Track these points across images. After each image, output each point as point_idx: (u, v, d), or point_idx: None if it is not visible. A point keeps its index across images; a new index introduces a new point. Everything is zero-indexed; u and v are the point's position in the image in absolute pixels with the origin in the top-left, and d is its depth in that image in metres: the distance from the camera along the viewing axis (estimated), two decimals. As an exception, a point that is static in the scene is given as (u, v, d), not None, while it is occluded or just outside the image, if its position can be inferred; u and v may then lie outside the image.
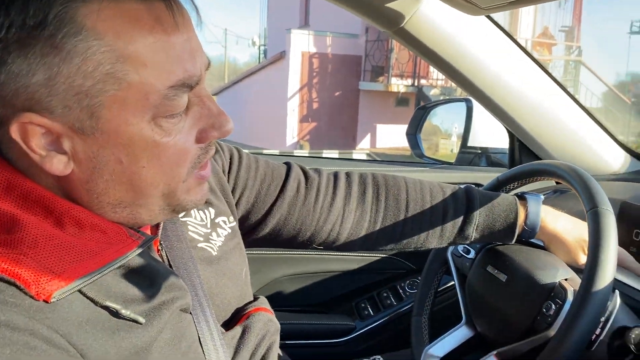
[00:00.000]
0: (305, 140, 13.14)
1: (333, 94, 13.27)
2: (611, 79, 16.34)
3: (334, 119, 13.28)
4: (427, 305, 1.07)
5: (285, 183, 0.87)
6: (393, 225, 0.90)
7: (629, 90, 14.57)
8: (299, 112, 13.18)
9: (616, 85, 13.86)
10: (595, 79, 11.85)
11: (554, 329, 0.76)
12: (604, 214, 0.75)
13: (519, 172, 0.96)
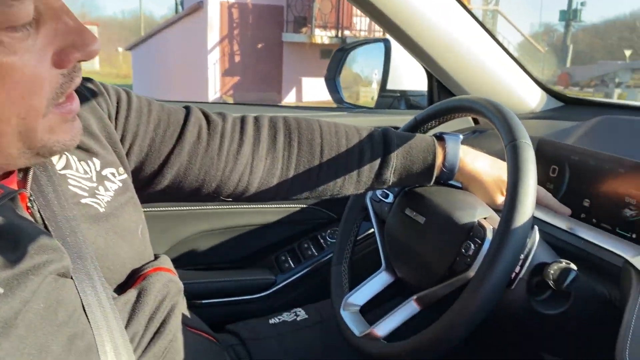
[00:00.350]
0: (228, 95, 12.80)
1: (255, 46, 12.92)
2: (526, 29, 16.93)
3: (257, 73, 12.98)
4: (346, 254, 1.02)
5: (183, 128, 0.77)
6: (308, 171, 0.83)
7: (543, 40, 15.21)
8: (221, 65, 12.75)
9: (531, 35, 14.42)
10: (512, 28, 12.22)
11: (474, 269, 0.73)
12: (523, 147, 0.72)
13: (436, 109, 0.91)
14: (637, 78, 10.94)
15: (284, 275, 1.30)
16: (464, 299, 0.68)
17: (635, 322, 0.68)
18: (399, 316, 0.81)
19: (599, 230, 0.89)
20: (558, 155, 0.99)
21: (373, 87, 1.58)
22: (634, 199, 0.84)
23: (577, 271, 0.73)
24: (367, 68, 2.04)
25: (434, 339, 0.70)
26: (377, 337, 0.81)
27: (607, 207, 0.88)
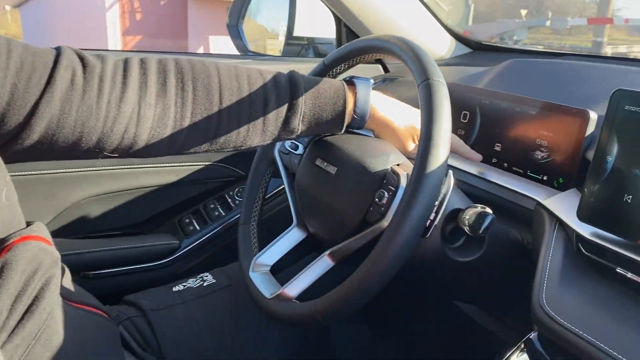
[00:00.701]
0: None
1: (158, 3, 12.18)
2: (430, -12, 17.23)
3: (162, 31, 12.27)
4: (255, 211, 0.94)
5: (53, 72, 0.64)
6: (206, 120, 0.74)
7: (445, 0, 15.65)
8: (121, 24, 11.92)
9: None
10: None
11: (388, 218, 0.68)
12: (437, 86, 0.66)
13: (345, 51, 0.84)
14: (532, 36, 11.54)
15: (188, 239, 1.20)
16: (378, 251, 0.63)
17: (550, 265, 0.67)
18: (312, 273, 0.76)
19: (510, 174, 0.87)
20: (469, 99, 0.96)
21: (280, 39, 1.48)
22: (545, 140, 0.82)
23: (493, 215, 0.70)
24: (273, 20, 1.93)
25: (347, 294, 0.65)
26: (289, 298, 0.75)
27: (518, 150, 0.86)
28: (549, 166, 0.81)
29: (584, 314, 0.60)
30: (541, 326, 0.63)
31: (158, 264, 1.16)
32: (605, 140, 0.64)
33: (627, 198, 0.61)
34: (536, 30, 12.74)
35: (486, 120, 0.93)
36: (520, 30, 11.79)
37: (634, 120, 0.61)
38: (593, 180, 0.65)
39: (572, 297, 0.63)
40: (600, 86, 0.87)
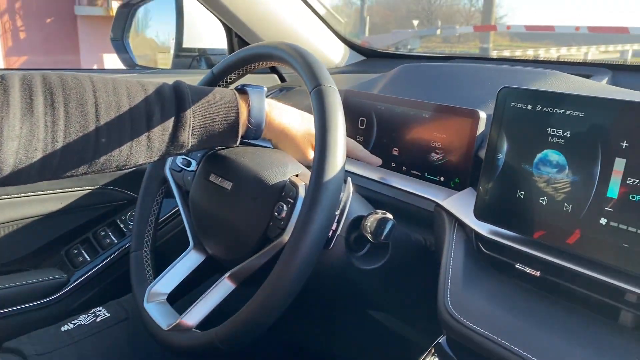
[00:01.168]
0: (15, 78, 11.21)
1: (44, 21, 11.45)
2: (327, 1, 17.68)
3: (50, 51, 11.53)
4: (147, 236, 0.87)
5: None
6: (82, 139, 0.66)
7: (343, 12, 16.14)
8: (3, 44, 11.08)
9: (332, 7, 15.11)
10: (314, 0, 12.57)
11: (288, 232, 0.64)
12: (329, 92, 0.64)
13: (234, 59, 0.80)
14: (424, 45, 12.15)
15: (78, 272, 1.10)
16: (280, 268, 0.59)
17: (452, 266, 0.67)
18: (212, 299, 0.70)
19: (409, 177, 0.87)
20: (364, 105, 0.95)
21: (171, 53, 1.41)
22: (439, 142, 0.83)
23: (394, 220, 0.69)
24: (162, 33, 1.84)
25: (249, 318, 0.61)
26: (188, 327, 0.69)
27: (415, 153, 0.86)
28: (445, 167, 0.82)
29: (488, 314, 0.60)
30: (448, 329, 0.62)
31: (44, 303, 1.05)
32: (494, 138, 0.65)
33: (519, 194, 0.62)
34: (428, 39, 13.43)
35: (383, 125, 0.92)
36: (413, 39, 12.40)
37: (521, 117, 0.62)
38: (486, 179, 0.66)
39: (476, 297, 0.63)
40: (487, 86, 0.89)
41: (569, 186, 0.57)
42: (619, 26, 11.24)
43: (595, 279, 0.55)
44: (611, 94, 0.81)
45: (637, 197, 0.52)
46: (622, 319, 0.55)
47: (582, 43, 10.43)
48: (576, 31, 8.92)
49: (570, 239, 0.57)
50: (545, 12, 28.82)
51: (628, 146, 0.53)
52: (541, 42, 12.00)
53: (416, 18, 18.13)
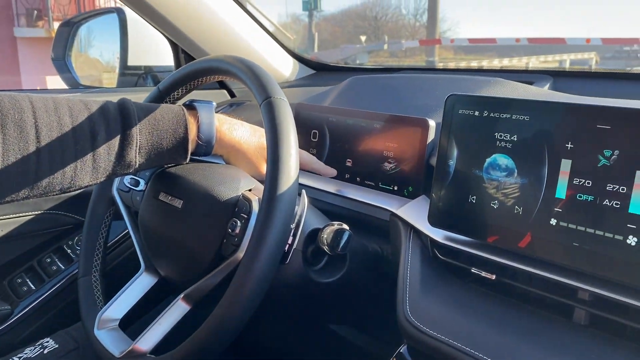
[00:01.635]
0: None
1: (-22, 42, 11.02)
2: (275, 19, 17.82)
3: (-12, 73, 11.11)
4: (96, 261, 0.84)
5: None
6: (21, 162, 0.63)
7: (291, 28, 16.28)
8: None
9: (280, 24, 15.29)
10: (261, 17, 12.63)
11: (243, 249, 0.63)
12: (279, 104, 0.63)
13: (180, 75, 0.78)
14: (373, 60, 12.40)
15: (23, 302, 1.04)
16: (235, 286, 0.58)
17: (410, 274, 0.67)
18: (166, 322, 0.68)
19: (363, 187, 0.87)
20: (316, 118, 0.95)
21: (117, 72, 1.38)
22: (391, 151, 0.83)
23: (350, 231, 0.69)
24: (107, 52, 1.79)
25: (205, 339, 0.59)
26: (142, 353, 0.67)
27: (368, 164, 0.87)
28: (398, 176, 0.82)
29: (447, 320, 0.60)
30: (409, 338, 0.62)
31: (-14, 337, 0.99)
32: (444, 145, 0.66)
33: (471, 199, 0.63)
34: (376, 54, 13.72)
35: (335, 137, 0.92)
36: (361, 54, 12.65)
37: (469, 123, 0.63)
38: (438, 185, 0.66)
39: (434, 303, 0.63)
40: (435, 95, 0.91)
41: (519, 189, 0.58)
42: (557, 37, 11.79)
43: (549, 279, 0.56)
44: (554, 98, 0.84)
45: (584, 197, 0.53)
46: (576, 317, 0.56)
47: (523, 54, 10.88)
48: (517, 43, 9.30)
49: (522, 242, 0.58)
50: (488, 26, 29.97)
51: (573, 147, 0.54)
52: (484, 55, 12.44)
53: (363, 33, 18.51)
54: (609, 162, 0.52)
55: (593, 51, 10.84)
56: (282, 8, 30.30)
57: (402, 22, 20.63)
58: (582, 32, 26.23)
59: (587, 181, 0.53)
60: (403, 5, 25.35)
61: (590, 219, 0.53)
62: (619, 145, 0.51)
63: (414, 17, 20.16)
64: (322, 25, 20.67)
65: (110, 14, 1.31)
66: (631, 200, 0.50)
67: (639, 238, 0.50)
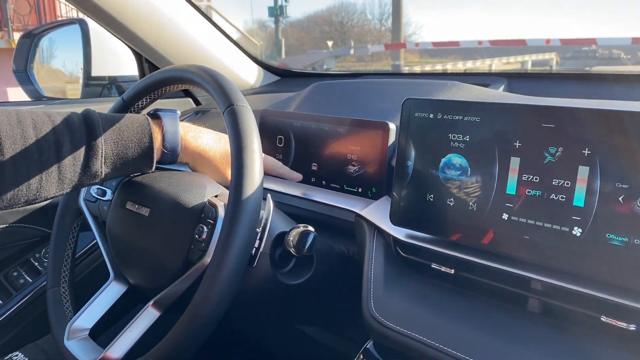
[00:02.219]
0: None
1: None
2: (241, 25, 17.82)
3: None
4: (64, 272, 0.84)
5: None
6: None
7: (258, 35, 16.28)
8: None
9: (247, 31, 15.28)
10: (228, 25, 12.60)
11: (210, 253, 0.64)
12: (242, 111, 0.65)
13: (144, 84, 0.79)
14: (340, 65, 12.51)
15: (-10, 317, 1.03)
16: (203, 290, 0.59)
17: (374, 272, 0.69)
18: (137, 329, 0.68)
19: (329, 190, 0.89)
20: (281, 124, 0.97)
21: (81, 83, 1.37)
22: (355, 155, 0.86)
23: (315, 232, 0.71)
24: (70, 63, 1.78)
25: (175, 344, 0.60)
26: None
27: (333, 167, 0.89)
28: (362, 178, 0.85)
29: (410, 314, 0.63)
30: (374, 333, 0.64)
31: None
32: (403, 146, 0.68)
33: (429, 197, 0.66)
34: (343, 59, 13.84)
35: (300, 142, 0.94)
36: (329, 59, 12.75)
37: (425, 125, 0.66)
38: (399, 186, 0.69)
39: (397, 299, 0.65)
40: (395, 99, 0.94)
41: (473, 186, 0.61)
42: (518, 39, 12.07)
43: (504, 271, 0.59)
44: (506, 99, 0.87)
45: (533, 192, 0.56)
46: (529, 306, 0.59)
47: (486, 56, 11.12)
48: (479, 45, 9.50)
49: (485, 239, 0.61)
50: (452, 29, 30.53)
51: (521, 145, 0.57)
52: (448, 57, 12.67)
53: (330, 39, 18.65)
54: (554, 159, 0.55)
55: (553, 52, 11.16)
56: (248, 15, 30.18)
57: (367, 27, 20.85)
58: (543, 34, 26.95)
59: (534, 177, 0.56)
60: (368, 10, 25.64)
61: (539, 212, 0.56)
62: (562, 143, 0.54)
63: (379, 21, 20.41)
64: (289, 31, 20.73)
65: (72, 25, 1.30)
66: (575, 194, 0.54)
67: (583, 229, 0.53)
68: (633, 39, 8.99)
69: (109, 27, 1.08)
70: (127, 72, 1.29)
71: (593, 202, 0.52)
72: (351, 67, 12.44)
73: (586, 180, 0.53)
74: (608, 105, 0.75)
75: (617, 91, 0.87)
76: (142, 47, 1.10)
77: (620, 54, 12.75)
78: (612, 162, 0.51)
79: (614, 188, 0.51)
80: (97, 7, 1.02)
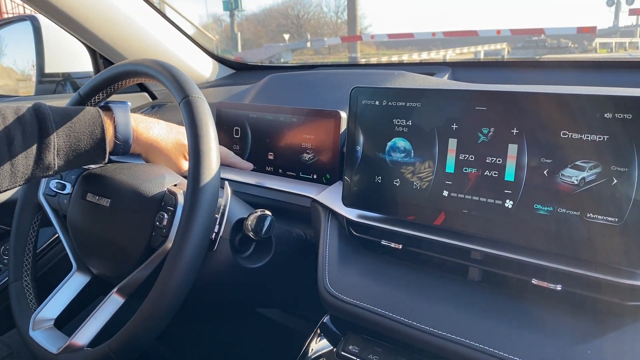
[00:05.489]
0: None
1: None
2: (196, 20, 17.58)
3: None
4: (26, 266, 0.85)
5: None
6: None
7: (213, 29, 16.11)
8: None
9: (202, 25, 15.10)
10: (182, 19, 12.39)
11: (171, 239, 0.67)
12: (197, 102, 0.68)
13: (100, 79, 0.81)
14: (297, 58, 12.51)
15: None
16: (165, 274, 0.62)
17: (329, 251, 0.73)
18: (102, 315, 0.71)
19: (285, 178, 0.93)
20: (237, 115, 1.00)
21: (34, 80, 1.35)
22: (309, 143, 0.90)
23: (272, 216, 0.74)
24: (21, 60, 1.75)
25: (140, 326, 0.63)
26: (80, 347, 0.69)
27: (289, 156, 0.93)
28: (316, 165, 0.89)
29: (363, 288, 0.67)
30: (330, 307, 0.68)
31: None
32: (352, 132, 0.73)
33: (377, 179, 0.70)
34: (300, 52, 13.86)
35: (256, 132, 0.98)
36: (286, 52, 12.76)
37: (371, 112, 0.70)
38: (349, 169, 0.73)
39: (351, 275, 0.70)
40: (345, 89, 0.98)
41: (416, 167, 0.66)
42: (470, 30, 12.35)
43: (446, 243, 0.64)
44: (447, 86, 0.93)
45: (469, 169, 0.62)
46: (470, 274, 0.64)
47: (440, 47, 11.34)
48: (433, 37, 9.68)
49: (428, 215, 0.66)
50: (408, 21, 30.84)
51: (457, 127, 0.62)
52: (404, 49, 12.84)
53: (286, 32, 18.63)
54: (487, 139, 0.60)
55: (504, 42, 11.47)
56: (203, 9, 29.71)
57: (324, 20, 20.90)
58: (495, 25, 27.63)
59: (470, 156, 0.62)
60: (324, 3, 25.67)
61: (475, 188, 0.61)
62: (493, 124, 0.60)
63: (335, 14, 20.49)
64: (245, 25, 20.57)
65: (23, 22, 1.29)
66: (506, 170, 0.59)
67: (514, 201, 0.59)
68: (578, 28, 9.34)
69: (60, 23, 1.08)
70: (81, 69, 1.29)
71: (522, 176, 0.58)
72: (308, 60, 12.46)
73: (515, 156, 0.58)
74: (542, 89, 0.81)
75: (557, 77, 0.94)
76: (96, 43, 1.11)
77: (568, 43, 13.24)
78: (537, 139, 0.57)
79: (539, 163, 0.57)
80: (49, 4, 1.02)
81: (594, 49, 11.72)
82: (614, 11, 16.93)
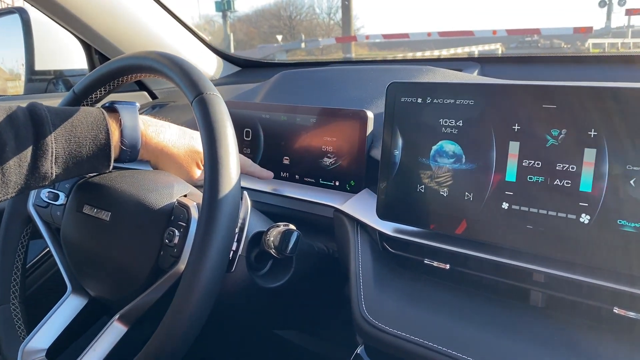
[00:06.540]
0: None
1: None
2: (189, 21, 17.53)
3: None
4: (14, 286, 0.75)
5: None
6: None
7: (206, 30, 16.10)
8: None
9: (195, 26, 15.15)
10: (174, 19, 12.33)
11: (184, 260, 0.58)
12: (213, 100, 0.59)
13: (98, 75, 0.72)
14: (291, 58, 12.50)
15: None
16: (179, 302, 0.53)
17: (362, 270, 0.64)
18: (102, 347, 0.61)
19: (303, 185, 0.84)
20: (248, 115, 0.91)
21: (23, 78, 1.26)
22: (330, 146, 0.81)
23: (298, 231, 0.65)
24: (9, 59, 1.65)
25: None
26: (76, 385, 0.60)
27: (306, 160, 0.84)
28: (339, 171, 0.80)
29: (404, 314, 0.58)
30: (366, 337, 0.59)
31: None
32: (389, 135, 0.64)
33: (420, 188, 0.61)
34: (293, 53, 13.80)
35: (269, 134, 0.88)
36: (279, 53, 12.70)
37: (412, 111, 0.61)
38: (385, 177, 0.64)
39: (389, 299, 0.61)
40: (369, 86, 0.89)
41: (468, 175, 0.57)
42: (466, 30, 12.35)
43: (503, 264, 0.56)
44: (493, 82, 0.84)
45: (534, 178, 0.53)
46: (532, 299, 0.55)
47: (434, 48, 11.31)
48: (428, 37, 9.64)
49: (483, 230, 0.57)
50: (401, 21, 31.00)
51: (520, 129, 0.54)
52: (398, 50, 12.81)
53: (279, 33, 18.58)
54: (557, 142, 0.51)
55: (499, 42, 11.46)
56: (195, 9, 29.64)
57: (316, 21, 20.89)
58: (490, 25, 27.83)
59: (536, 162, 0.53)
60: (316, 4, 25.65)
61: (542, 200, 0.52)
62: (565, 124, 0.51)
63: (328, 15, 20.49)
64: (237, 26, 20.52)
65: (11, 15, 1.19)
66: (581, 179, 0.50)
67: (591, 216, 0.50)
68: (574, 28, 9.33)
69: (54, 15, 0.98)
70: (75, 66, 1.19)
71: (601, 186, 0.49)
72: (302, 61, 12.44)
73: (593, 163, 0.49)
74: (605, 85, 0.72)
75: (603, 73, 0.85)
76: (92, 37, 1.01)
77: (561, 44, 13.26)
78: (621, 143, 0.48)
79: (624, 171, 0.48)
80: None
81: (587, 50, 11.75)
82: (606, 12, 17.03)
